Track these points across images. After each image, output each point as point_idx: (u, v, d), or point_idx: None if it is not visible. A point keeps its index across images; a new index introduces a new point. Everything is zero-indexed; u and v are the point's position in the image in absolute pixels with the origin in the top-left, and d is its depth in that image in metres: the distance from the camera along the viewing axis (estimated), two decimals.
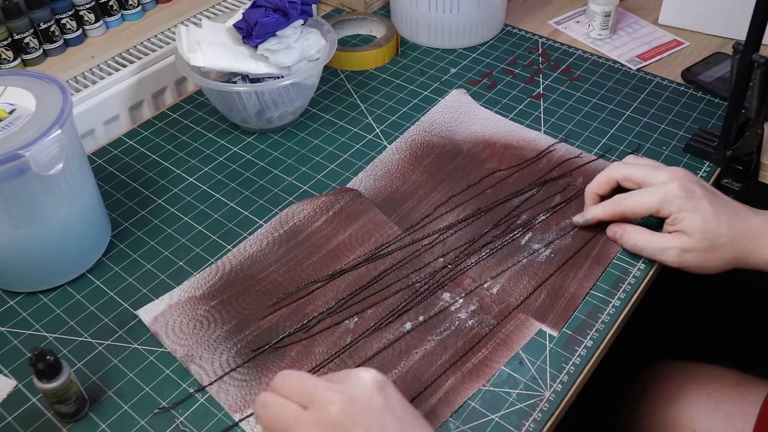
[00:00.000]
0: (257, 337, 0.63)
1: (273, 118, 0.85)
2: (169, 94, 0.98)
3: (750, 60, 0.72)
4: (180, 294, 0.67)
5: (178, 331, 0.64)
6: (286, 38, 0.82)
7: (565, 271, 0.68)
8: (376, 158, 0.82)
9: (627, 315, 0.66)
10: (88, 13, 0.90)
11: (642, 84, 0.93)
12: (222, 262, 0.70)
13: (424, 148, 0.83)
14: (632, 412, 0.83)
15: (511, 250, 0.70)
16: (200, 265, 0.71)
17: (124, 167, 0.83)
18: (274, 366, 0.61)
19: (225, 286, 0.68)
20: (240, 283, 0.68)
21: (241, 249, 0.71)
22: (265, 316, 0.65)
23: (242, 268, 0.69)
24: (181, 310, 0.66)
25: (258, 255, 0.71)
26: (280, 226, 0.73)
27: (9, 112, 0.63)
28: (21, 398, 0.60)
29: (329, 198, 0.75)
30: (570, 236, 0.71)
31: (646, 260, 0.69)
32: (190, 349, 0.62)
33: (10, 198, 0.61)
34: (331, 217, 0.74)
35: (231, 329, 0.64)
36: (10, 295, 0.69)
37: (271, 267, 0.69)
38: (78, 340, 0.65)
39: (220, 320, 0.65)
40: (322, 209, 0.74)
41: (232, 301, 0.66)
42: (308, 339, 0.63)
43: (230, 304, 0.66)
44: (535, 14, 1.09)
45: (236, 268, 0.69)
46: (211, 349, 0.62)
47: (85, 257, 0.71)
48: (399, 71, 0.97)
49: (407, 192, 0.78)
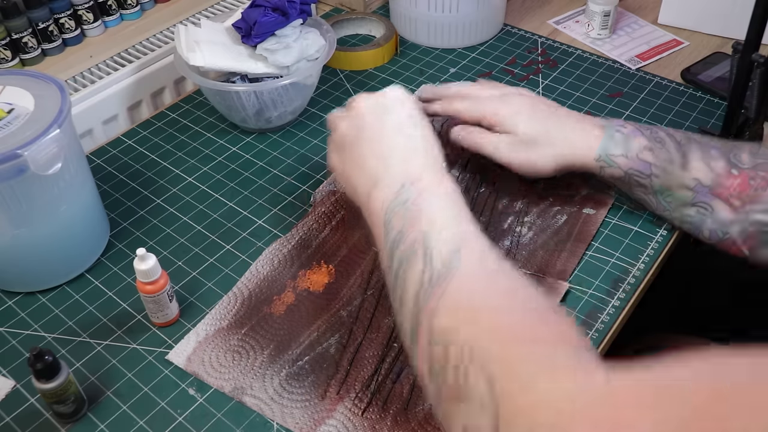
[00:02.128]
0: (302, 354, 0.62)
1: (272, 117, 0.85)
2: (167, 94, 0.98)
3: (749, 60, 0.72)
4: (206, 329, 0.64)
5: (218, 366, 0.61)
6: (285, 38, 0.82)
7: (550, 252, 0.70)
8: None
9: (627, 315, 0.66)
10: (86, 12, 0.90)
11: (641, 84, 0.93)
12: (238, 288, 0.68)
13: None
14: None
15: (496, 235, 0.72)
16: (200, 265, 0.71)
17: (123, 167, 0.83)
18: (330, 379, 0.60)
19: (250, 311, 0.66)
20: (264, 305, 0.66)
21: (253, 271, 0.69)
22: (302, 332, 0.64)
23: (261, 291, 0.67)
24: (213, 345, 0.63)
25: (273, 275, 0.69)
26: (288, 242, 0.72)
27: (7, 111, 0.62)
28: (19, 398, 0.60)
29: (326, 208, 0.74)
30: (550, 217, 0.73)
31: (646, 260, 0.69)
32: (237, 382, 0.60)
33: (8, 198, 0.61)
34: (335, 225, 0.73)
35: (272, 352, 0.62)
36: (8, 295, 0.69)
37: (290, 284, 0.68)
38: (77, 340, 0.65)
39: (257, 346, 0.63)
40: (324, 219, 0.74)
41: (263, 324, 0.65)
42: (356, 344, 0.63)
43: (262, 327, 0.64)
44: (534, 14, 1.09)
45: (255, 292, 0.67)
46: (259, 377, 0.60)
47: (83, 257, 0.71)
48: (398, 71, 0.97)
49: None
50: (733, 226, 0.65)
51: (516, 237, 0.71)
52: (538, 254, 0.70)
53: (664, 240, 0.71)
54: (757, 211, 0.63)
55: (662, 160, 0.66)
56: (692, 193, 0.66)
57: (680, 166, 0.66)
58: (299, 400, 0.59)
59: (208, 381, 0.61)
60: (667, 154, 0.66)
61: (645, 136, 0.68)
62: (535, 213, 0.74)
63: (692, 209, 0.66)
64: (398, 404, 0.58)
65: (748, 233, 0.64)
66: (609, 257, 0.70)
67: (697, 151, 0.66)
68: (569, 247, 0.70)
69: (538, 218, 0.73)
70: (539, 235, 0.72)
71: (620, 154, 0.67)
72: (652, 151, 0.67)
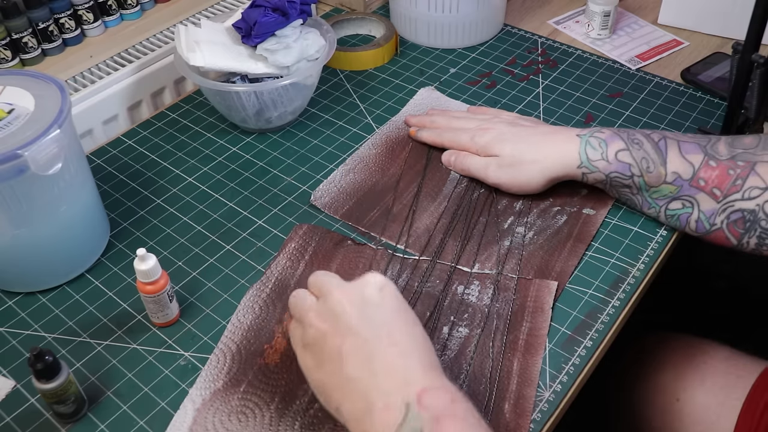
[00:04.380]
0: (311, 402, 0.58)
1: (272, 117, 0.85)
2: (167, 94, 0.98)
3: (749, 60, 0.72)
4: (201, 393, 0.59)
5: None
6: (285, 38, 0.82)
7: (550, 252, 0.70)
8: (354, 153, 0.83)
9: (627, 315, 0.66)
10: (86, 12, 0.90)
11: (641, 84, 0.93)
12: (224, 344, 0.63)
13: (399, 143, 0.84)
14: (623, 378, 0.85)
15: (496, 235, 0.72)
16: (200, 265, 0.71)
17: (123, 167, 0.83)
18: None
19: (243, 366, 0.61)
20: (257, 357, 0.62)
21: (235, 323, 0.65)
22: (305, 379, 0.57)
23: (249, 342, 0.63)
24: (214, 410, 0.58)
25: (257, 323, 0.65)
26: (264, 286, 0.68)
27: (8, 111, 0.62)
28: (20, 398, 0.60)
29: (297, 243, 0.72)
30: (550, 217, 0.74)
31: (646, 260, 0.69)
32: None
33: (8, 198, 0.61)
34: (309, 260, 0.70)
35: (279, 406, 0.58)
36: (8, 295, 0.69)
37: (278, 329, 0.64)
38: (77, 340, 0.65)
39: (261, 403, 0.58)
40: (296, 256, 0.70)
41: (261, 377, 0.60)
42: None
43: (261, 381, 0.60)
44: (534, 14, 1.09)
45: (243, 345, 0.63)
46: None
47: (83, 257, 0.71)
48: (398, 71, 0.97)
49: (387, 185, 0.78)
50: (718, 217, 0.66)
51: (516, 237, 0.72)
52: (538, 254, 0.70)
53: (664, 240, 0.71)
54: (738, 200, 0.65)
55: (641, 159, 0.68)
56: (675, 187, 0.67)
57: (659, 163, 0.68)
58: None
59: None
60: (644, 153, 0.68)
61: (622, 139, 0.70)
62: (535, 213, 0.74)
63: (677, 204, 0.68)
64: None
65: (732, 222, 0.66)
66: (609, 257, 0.70)
67: (674, 147, 0.68)
68: (569, 247, 0.70)
69: (538, 218, 0.73)
70: (539, 235, 0.72)
71: (599, 158, 0.70)
72: (630, 151, 0.69)
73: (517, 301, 0.65)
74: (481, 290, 0.67)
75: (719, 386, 0.77)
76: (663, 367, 0.82)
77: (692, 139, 0.69)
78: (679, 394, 0.79)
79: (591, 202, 0.75)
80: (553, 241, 0.71)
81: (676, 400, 0.78)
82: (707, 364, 0.80)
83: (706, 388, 0.78)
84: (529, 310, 0.64)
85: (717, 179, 0.66)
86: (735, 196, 0.65)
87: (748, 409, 0.74)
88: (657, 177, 0.68)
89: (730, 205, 0.65)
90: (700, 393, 0.78)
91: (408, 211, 0.75)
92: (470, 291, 0.67)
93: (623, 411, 0.84)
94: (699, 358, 0.81)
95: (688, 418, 0.77)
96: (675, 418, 0.78)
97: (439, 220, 0.74)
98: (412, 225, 0.74)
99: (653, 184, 0.68)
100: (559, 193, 0.75)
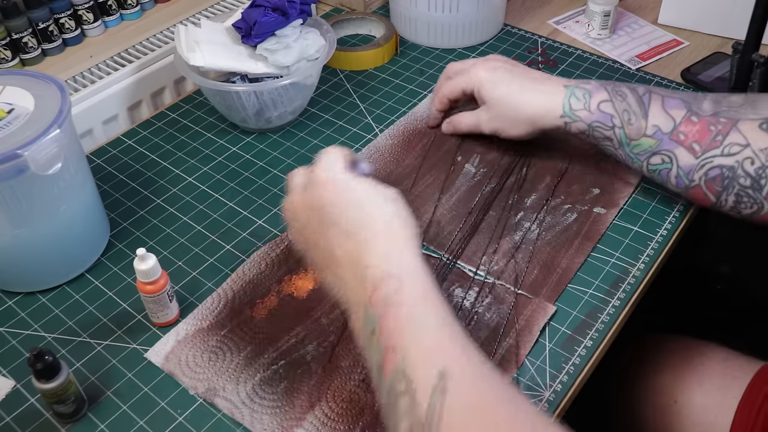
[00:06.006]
0: (277, 359, 0.61)
1: (272, 117, 0.85)
2: (167, 94, 0.98)
3: (749, 60, 0.72)
4: (186, 328, 0.64)
5: (194, 366, 0.61)
6: (285, 38, 0.82)
7: (557, 248, 0.70)
8: (370, 143, 0.84)
9: (627, 315, 0.66)
10: (86, 12, 0.90)
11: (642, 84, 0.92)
12: (223, 289, 0.67)
13: (416, 135, 0.85)
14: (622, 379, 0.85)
15: (505, 230, 0.72)
16: (200, 265, 0.71)
17: (123, 167, 0.83)
18: (303, 386, 0.59)
19: (231, 313, 0.65)
20: (247, 307, 0.66)
21: (240, 274, 0.69)
22: (281, 337, 0.63)
23: (245, 293, 0.67)
24: (192, 344, 0.63)
25: (259, 278, 0.68)
26: (276, 247, 0.71)
27: (7, 111, 0.62)
28: (20, 398, 0.60)
29: None
30: (560, 214, 0.73)
31: (646, 260, 0.69)
32: (210, 383, 0.60)
33: (8, 198, 0.61)
34: None
35: (249, 355, 0.62)
36: (8, 295, 0.69)
37: (274, 288, 0.68)
38: (77, 340, 0.65)
39: (235, 348, 0.62)
40: None
41: (243, 326, 0.64)
42: (332, 353, 0.62)
43: (242, 330, 0.64)
44: (534, 14, 1.09)
45: (239, 294, 0.67)
46: (233, 379, 0.60)
47: (83, 257, 0.71)
48: (398, 71, 0.97)
49: (402, 175, 0.79)
50: (696, 173, 0.66)
51: (525, 232, 0.71)
52: (545, 250, 0.70)
53: (664, 240, 0.71)
54: (717, 155, 0.65)
55: (622, 111, 0.69)
56: (655, 141, 0.68)
57: (640, 116, 0.68)
58: (270, 406, 0.58)
59: (182, 381, 0.60)
60: (627, 105, 0.69)
61: (606, 90, 0.70)
62: (545, 209, 0.74)
63: (657, 158, 0.68)
64: (369, 416, 0.57)
65: (710, 178, 0.66)
66: (609, 257, 0.70)
67: (658, 101, 0.68)
68: (577, 244, 0.70)
69: (548, 215, 0.74)
70: (548, 231, 0.72)
71: (582, 108, 0.70)
72: (612, 102, 0.69)
73: (510, 317, 0.64)
74: (478, 298, 0.66)
75: (716, 387, 0.77)
76: (661, 369, 0.82)
77: (678, 96, 0.69)
78: (677, 396, 0.79)
79: (602, 202, 0.75)
80: (561, 238, 0.71)
81: (674, 401, 0.79)
82: (705, 366, 0.80)
83: (703, 390, 0.78)
84: (518, 328, 0.63)
85: (697, 134, 0.65)
86: (714, 152, 0.65)
87: (744, 406, 0.74)
88: (637, 129, 0.68)
89: (708, 161, 0.65)
90: (698, 394, 0.78)
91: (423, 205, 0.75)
92: (467, 297, 0.66)
93: (623, 411, 0.84)
94: (697, 360, 0.81)
95: (687, 420, 0.77)
96: (674, 420, 0.78)
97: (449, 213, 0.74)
98: (421, 218, 0.74)
99: (633, 137, 0.68)
100: (570, 191, 0.76)
